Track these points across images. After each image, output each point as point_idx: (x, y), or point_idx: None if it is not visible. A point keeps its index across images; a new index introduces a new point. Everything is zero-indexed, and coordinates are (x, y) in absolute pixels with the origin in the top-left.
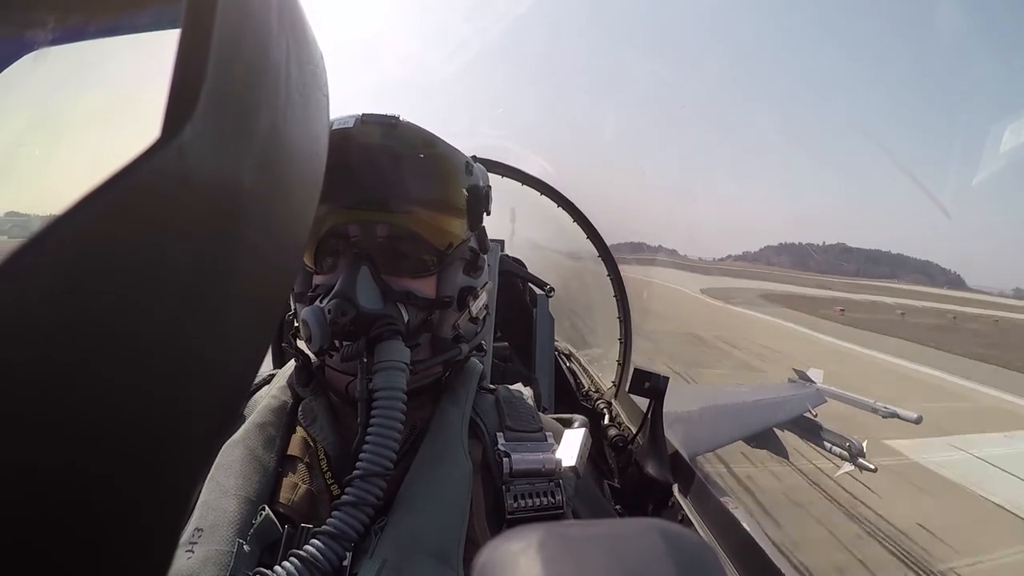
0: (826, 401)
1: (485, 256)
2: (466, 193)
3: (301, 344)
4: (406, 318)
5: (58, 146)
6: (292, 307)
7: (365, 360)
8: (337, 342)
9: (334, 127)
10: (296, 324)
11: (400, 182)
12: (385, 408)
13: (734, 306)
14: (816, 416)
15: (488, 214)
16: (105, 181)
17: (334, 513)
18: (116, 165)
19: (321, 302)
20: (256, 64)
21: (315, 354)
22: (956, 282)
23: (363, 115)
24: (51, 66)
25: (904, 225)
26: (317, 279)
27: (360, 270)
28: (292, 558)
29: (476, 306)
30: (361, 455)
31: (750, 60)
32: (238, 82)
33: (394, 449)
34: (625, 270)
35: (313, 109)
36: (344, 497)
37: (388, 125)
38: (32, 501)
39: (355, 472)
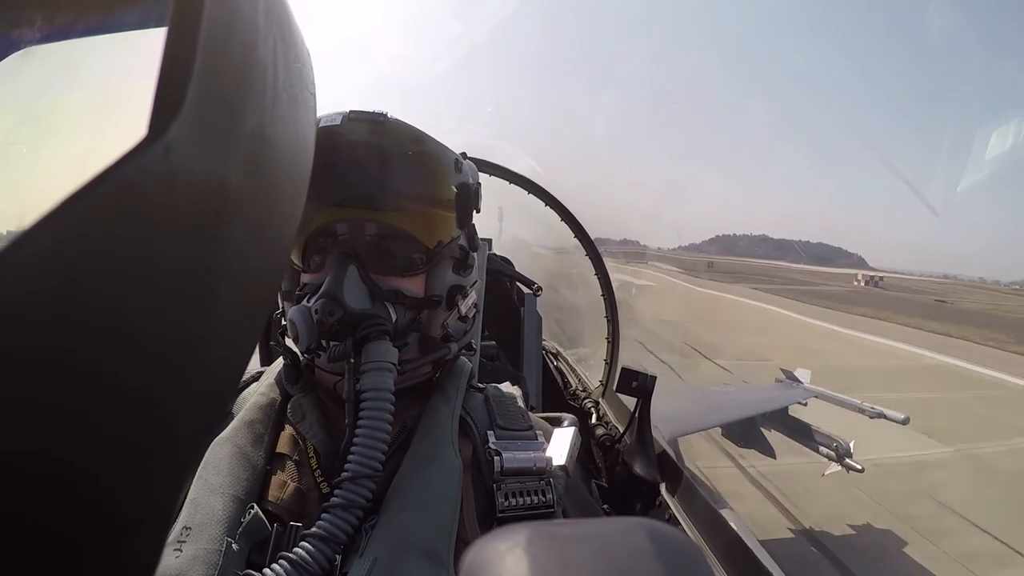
0: (806, 403)
1: (475, 254)
2: (455, 190)
3: (289, 342)
4: (394, 318)
5: (46, 145)
6: (280, 305)
7: (352, 360)
8: (324, 342)
9: (321, 124)
10: (284, 322)
11: (388, 180)
12: (373, 409)
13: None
14: (800, 415)
15: (478, 212)
16: (90, 180)
17: (323, 516)
18: (102, 164)
19: (308, 301)
20: (243, 63)
21: (302, 353)
22: (858, 263)
23: (350, 112)
24: (39, 64)
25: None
26: (304, 277)
27: (348, 269)
28: (282, 560)
29: (465, 305)
30: (349, 457)
31: (740, 60)
32: (225, 81)
33: (382, 451)
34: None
35: (300, 108)
36: (333, 499)
37: (376, 122)
38: (17, 495)
39: (344, 474)
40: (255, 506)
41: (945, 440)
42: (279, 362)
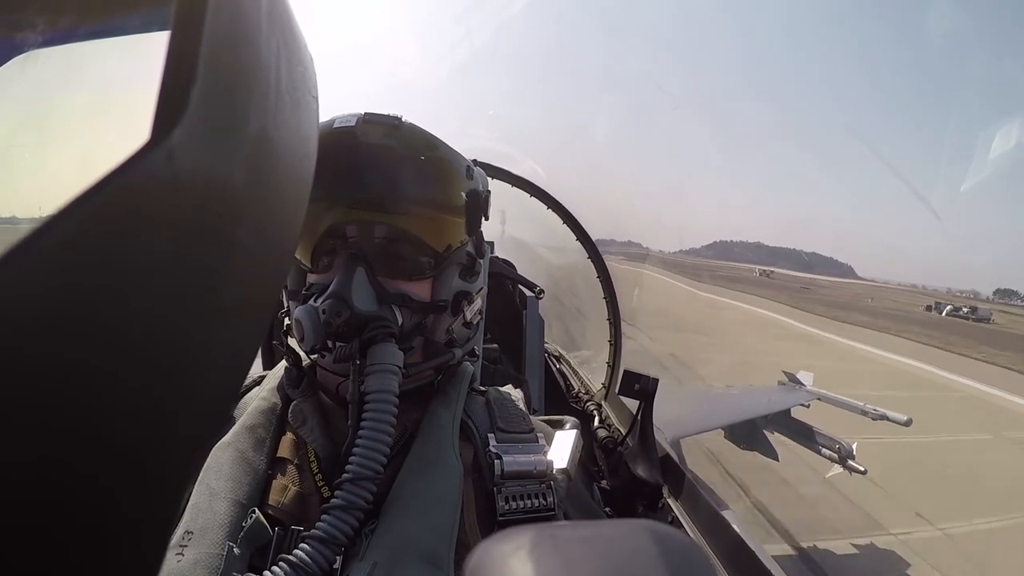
0: (809, 405)
1: (481, 261)
2: (465, 197)
3: (293, 343)
4: (400, 321)
5: (48, 149)
6: (285, 305)
7: (358, 362)
8: (330, 342)
9: (335, 126)
10: (288, 323)
11: (400, 183)
12: (376, 411)
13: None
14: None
15: (487, 219)
16: (95, 183)
17: (323, 517)
18: (106, 167)
19: (315, 301)
20: (246, 66)
21: (307, 353)
22: (847, 271)
23: (365, 114)
24: (41, 68)
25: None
26: (312, 277)
27: (356, 271)
28: (281, 563)
29: (471, 311)
30: (351, 458)
31: (744, 64)
32: (228, 84)
33: (384, 452)
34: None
35: (303, 112)
36: (333, 500)
37: (390, 125)
38: (15, 500)
39: (345, 475)
40: (256, 510)
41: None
42: (281, 366)
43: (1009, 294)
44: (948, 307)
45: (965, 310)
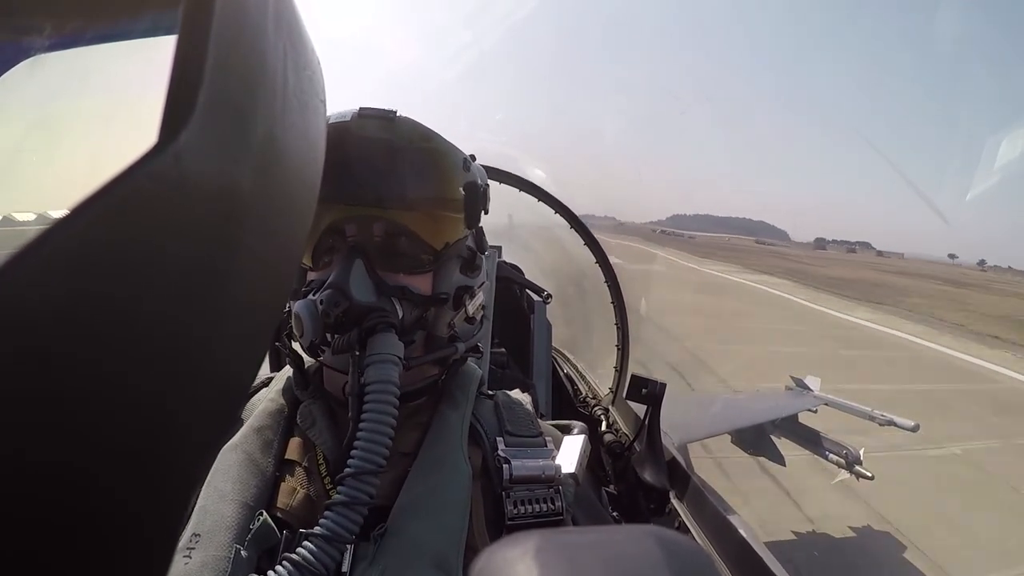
0: (816, 410)
1: (483, 256)
2: (463, 190)
3: (296, 346)
4: (400, 313)
5: (56, 152)
6: (288, 305)
7: (357, 353)
8: (329, 336)
9: (332, 121)
10: (291, 323)
11: (396, 177)
12: (377, 402)
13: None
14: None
15: (486, 212)
16: (101, 187)
17: (326, 514)
18: (112, 171)
19: (314, 295)
20: (253, 70)
21: (307, 350)
22: (781, 235)
23: (361, 109)
24: (48, 72)
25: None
26: (312, 275)
27: (355, 263)
28: (284, 562)
29: (472, 305)
30: (352, 452)
31: (749, 64)
32: (235, 88)
33: (387, 445)
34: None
35: (310, 115)
36: (336, 497)
37: (385, 119)
38: (23, 501)
39: (346, 471)
40: (264, 513)
41: None
42: (289, 368)
43: (823, 241)
44: (660, 230)
45: (668, 231)
